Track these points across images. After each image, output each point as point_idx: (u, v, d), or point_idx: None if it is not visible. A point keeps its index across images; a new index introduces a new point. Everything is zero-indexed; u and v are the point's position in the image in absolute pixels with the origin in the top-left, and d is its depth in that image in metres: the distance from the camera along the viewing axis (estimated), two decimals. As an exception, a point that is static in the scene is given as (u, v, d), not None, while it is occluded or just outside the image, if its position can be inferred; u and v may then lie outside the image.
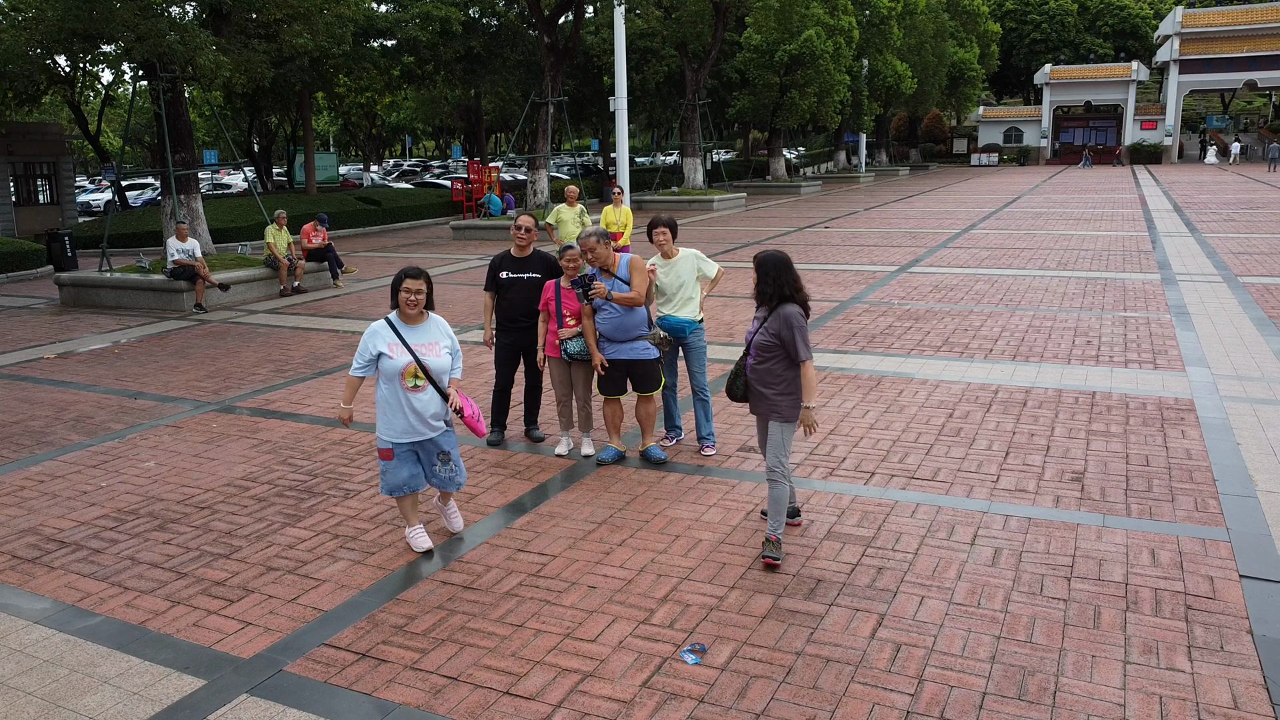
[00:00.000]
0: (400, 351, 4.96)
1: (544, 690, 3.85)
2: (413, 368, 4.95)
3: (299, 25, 18.30)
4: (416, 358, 4.96)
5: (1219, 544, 5.03)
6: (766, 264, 5.13)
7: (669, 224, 6.64)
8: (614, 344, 6.34)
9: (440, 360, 5.04)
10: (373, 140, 70.62)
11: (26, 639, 4.42)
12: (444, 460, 5.19)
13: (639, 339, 6.34)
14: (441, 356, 5.06)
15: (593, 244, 6.23)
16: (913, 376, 8.72)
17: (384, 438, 5.07)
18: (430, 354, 5.01)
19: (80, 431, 7.91)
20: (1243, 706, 3.62)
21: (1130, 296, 12.68)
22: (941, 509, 5.60)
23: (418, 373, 4.97)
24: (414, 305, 4.98)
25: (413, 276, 4.98)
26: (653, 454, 6.54)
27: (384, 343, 4.98)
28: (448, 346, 5.12)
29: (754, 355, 5.09)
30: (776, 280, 5.05)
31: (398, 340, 4.98)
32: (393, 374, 4.96)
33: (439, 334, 5.13)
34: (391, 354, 4.96)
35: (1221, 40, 60.58)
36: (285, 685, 3.95)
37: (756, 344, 5.07)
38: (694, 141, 34.62)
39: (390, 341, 4.98)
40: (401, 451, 5.07)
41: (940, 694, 3.75)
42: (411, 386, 4.98)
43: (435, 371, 5.02)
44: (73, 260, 20.53)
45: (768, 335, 5.01)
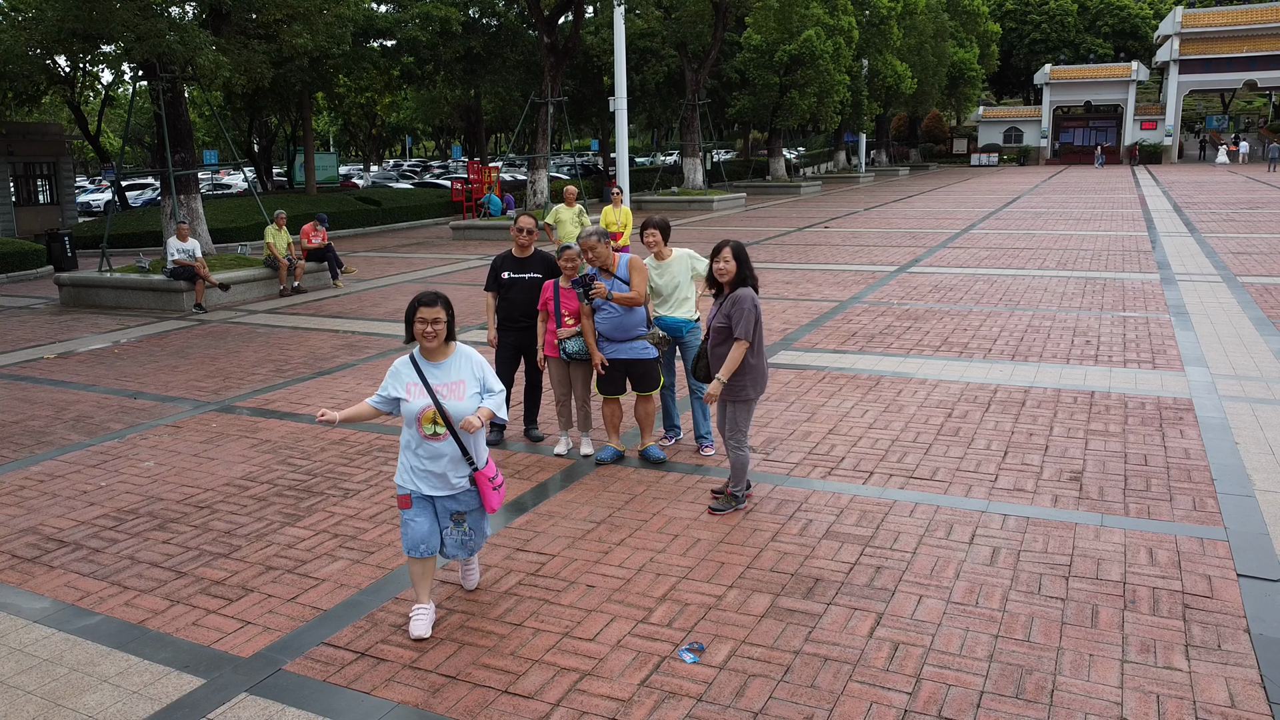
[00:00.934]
0: (419, 392, 4.20)
1: (542, 689, 3.86)
2: (431, 412, 4.18)
3: (299, 25, 18.30)
4: (436, 400, 4.18)
5: (1217, 543, 5.03)
6: (744, 252, 5.43)
7: (660, 225, 6.63)
8: (613, 343, 6.36)
9: (464, 405, 4.21)
10: (373, 140, 70.64)
11: (26, 638, 4.42)
12: (457, 521, 4.40)
13: (638, 338, 6.37)
14: (466, 400, 4.23)
15: (593, 243, 6.23)
16: (912, 376, 8.73)
17: (401, 483, 4.37)
18: (452, 396, 4.21)
19: (80, 431, 7.92)
20: (1240, 705, 3.63)
21: (1129, 296, 12.69)
22: (940, 508, 5.61)
23: (436, 418, 4.19)
24: (432, 338, 4.20)
25: (427, 304, 4.18)
26: (651, 454, 6.55)
27: (403, 384, 4.26)
28: (476, 387, 4.29)
29: (711, 338, 5.44)
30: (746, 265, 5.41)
31: (418, 380, 4.24)
32: (410, 418, 4.24)
33: (465, 371, 4.30)
34: (409, 396, 4.22)
35: (1221, 40, 60.60)
36: (284, 684, 3.96)
37: (714, 327, 5.41)
38: (694, 141, 34.64)
39: (410, 382, 4.25)
40: (419, 500, 4.35)
41: (938, 693, 3.75)
42: (430, 434, 4.22)
43: (456, 417, 4.19)
44: (73, 260, 20.55)
45: (722, 318, 5.33)
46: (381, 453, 7.04)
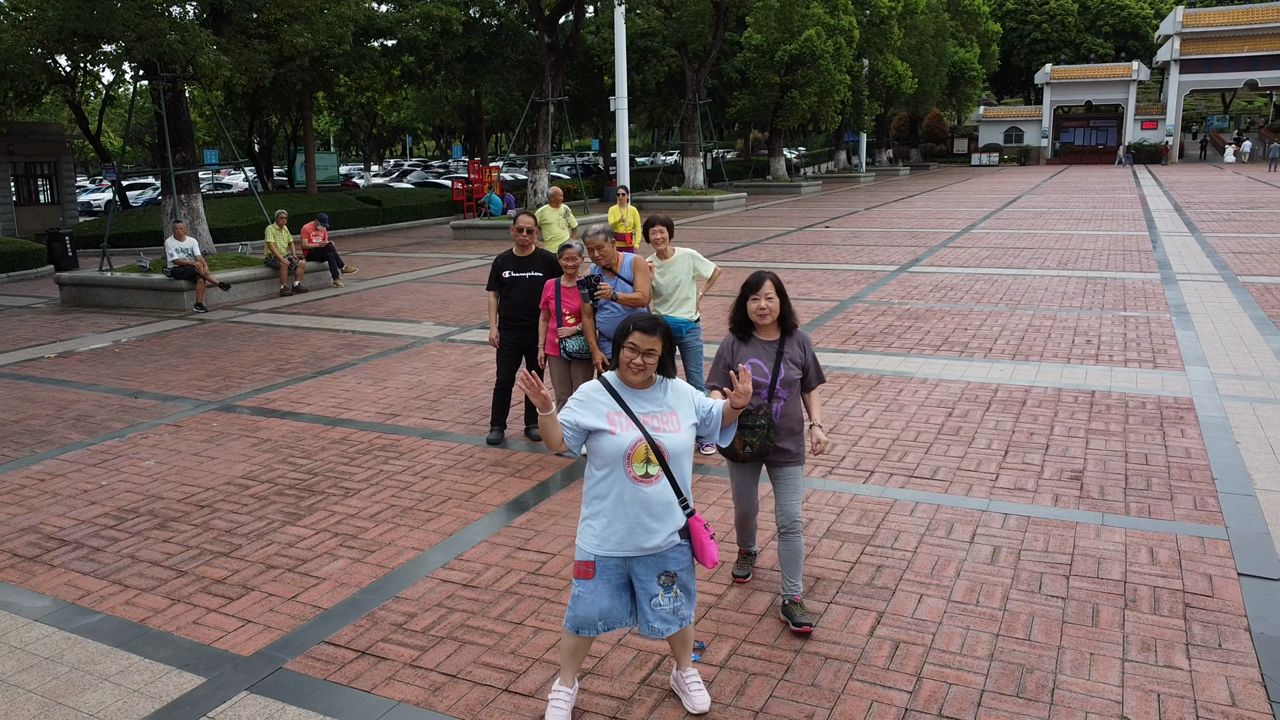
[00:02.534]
0: (626, 424, 3.46)
1: (543, 687, 3.86)
2: (644, 448, 3.44)
3: (299, 25, 18.30)
4: (647, 434, 3.46)
5: (1218, 542, 5.03)
6: (781, 286, 4.30)
7: (666, 223, 6.69)
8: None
9: (684, 437, 3.51)
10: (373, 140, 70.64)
11: (27, 637, 4.43)
12: (667, 584, 3.56)
13: None
14: (685, 430, 3.53)
15: (600, 241, 6.19)
16: (912, 375, 8.72)
17: (585, 548, 3.55)
18: (668, 428, 3.50)
19: (81, 430, 7.92)
20: (1240, 704, 3.63)
21: (1130, 296, 12.69)
22: (941, 507, 5.61)
23: (650, 455, 3.45)
24: (637, 370, 3.48)
25: (645, 330, 3.45)
26: None
27: (601, 414, 3.49)
28: (690, 419, 3.57)
29: (785, 395, 4.29)
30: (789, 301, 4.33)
31: (618, 408, 3.50)
32: (615, 457, 3.45)
33: (675, 402, 3.57)
34: (614, 428, 3.46)
35: (1222, 40, 60.58)
36: (285, 683, 3.96)
37: (787, 380, 4.27)
38: (694, 141, 34.63)
39: (610, 411, 3.49)
40: (608, 569, 3.53)
41: (939, 691, 3.75)
42: (642, 476, 3.45)
43: (674, 454, 3.48)
44: (73, 260, 20.54)
45: (794, 367, 4.29)
46: (382, 452, 7.04)
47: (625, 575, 3.55)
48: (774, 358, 4.29)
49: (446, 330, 11.84)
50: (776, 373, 4.28)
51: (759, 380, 4.25)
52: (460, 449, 7.07)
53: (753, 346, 4.33)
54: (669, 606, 3.56)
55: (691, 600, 3.65)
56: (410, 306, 13.85)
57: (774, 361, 4.29)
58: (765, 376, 4.28)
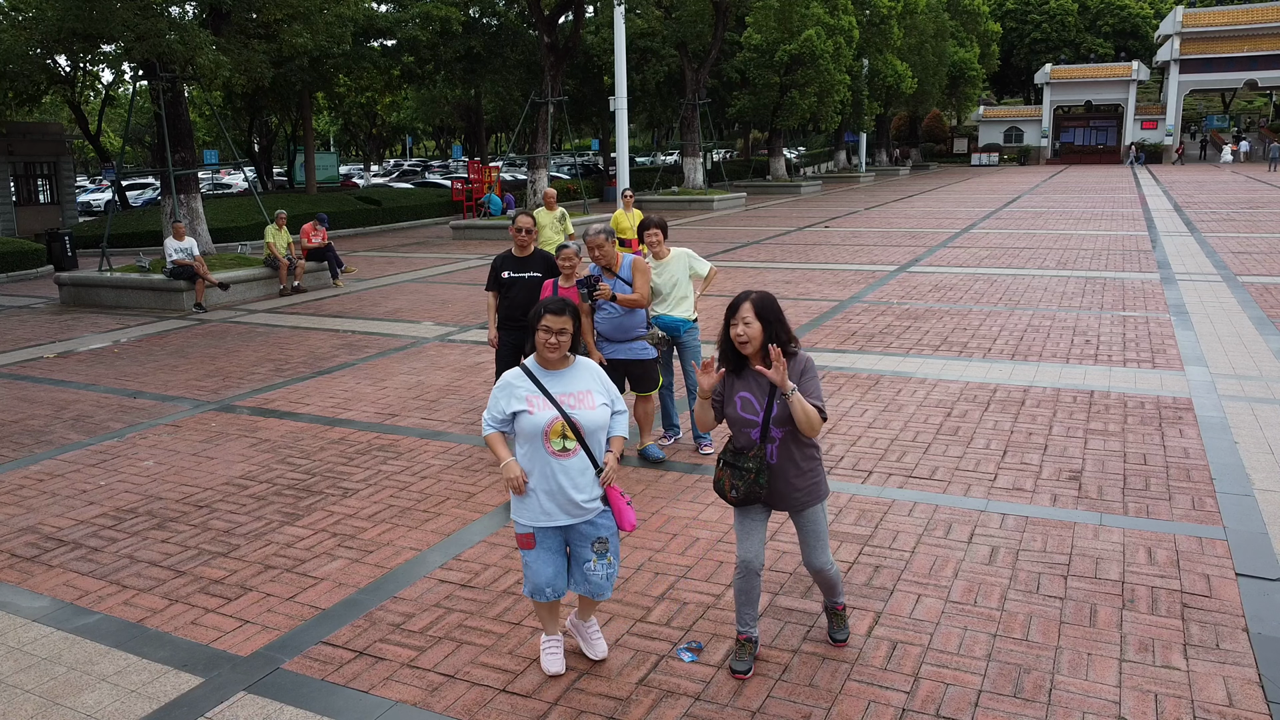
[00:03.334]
0: (543, 404, 3.76)
1: (541, 688, 3.86)
2: (560, 424, 3.73)
3: (299, 25, 18.30)
4: (563, 411, 3.75)
5: (1216, 542, 5.03)
6: (770, 306, 3.71)
7: (660, 224, 6.72)
8: (612, 344, 6.40)
9: (598, 414, 3.80)
10: (373, 140, 70.65)
11: (25, 637, 4.43)
12: (600, 551, 3.86)
13: (637, 339, 6.40)
14: (599, 408, 3.81)
15: (600, 241, 6.19)
16: (911, 375, 8.73)
17: (521, 520, 3.85)
18: (581, 406, 3.78)
19: (79, 430, 7.92)
20: (1238, 704, 3.63)
21: (1129, 296, 12.69)
22: (939, 508, 5.61)
23: (566, 431, 3.74)
24: (555, 349, 3.77)
25: (554, 311, 3.75)
26: (650, 453, 6.57)
27: (520, 397, 3.79)
28: (604, 400, 3.86)
29: (779, 435, 3.75)
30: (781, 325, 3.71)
31: (537, 390, 3.80)
32: (534, 434, 3.75)
33: (589, 381, 3.87)
34: (532, 408, 3.76)
35: (1222, 40, 60.58)
36: (283, 683, 3.96)
37: (781, 418, 3.71)
38: (694, 141, 34.63)
39: (529, 394, 3.80)
40: (545, 538, 3.85)
41: (936, 692, 3.75)
42: (560, 450, 3.75)
43: (589, 429, 3.78)
44: (73, 260, 20.55)
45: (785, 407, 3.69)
46: (381, 452, 7.04)
47: (563, 542, 3.91)
48: (766, 392, 3.71)
49: (446, 330, 11.84)
50: (769, 409, 3.70)
51: (749, 418, 3.76)
52: (459, 449, 7.07)
53: (745, 379, 3.77)
54: (601, 572, 3.90)
55: (618, 564, 3.98)
56: (409, 306, 13.85)
57: (766, 396, 3.71)
58: (756, 414, 3.73)
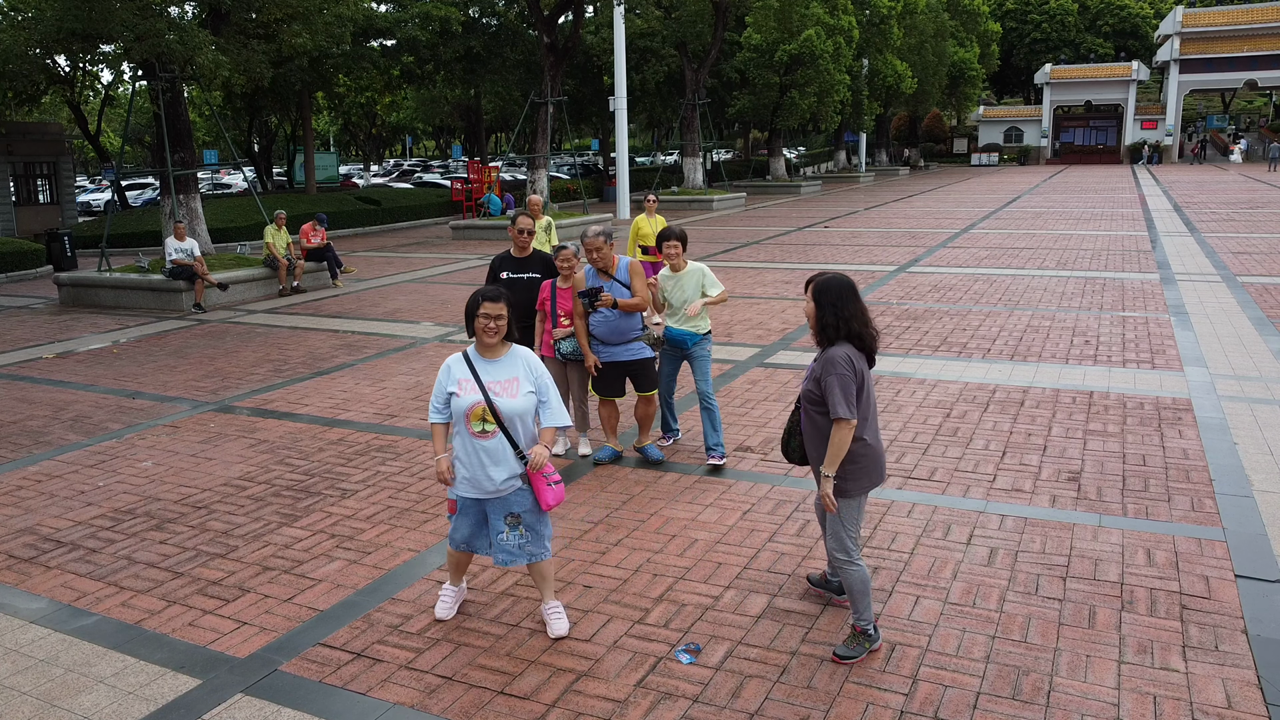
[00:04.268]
0: (470, 388, 4.14)
1: (538, 690, 3.86)
2: (480, 408, 4.11)
3: (298, 25, 18.28)
4: (487, 397, 4.12)
5: (1215, 544, 5.03)
6: (826, 292, 3.96)
7: (680, 236, 6.51)
8: (609, 347, 6.34)
9: (521, 402, 4.14)
10: (373, 140, 70.64)
11: (22, 638, 4.42)
12: (512, 524, 4.22)
13: (634, 340, 6.36)
14: (522, 396, 4.15)
15: (599, 243, 6.12)
16: (910, 376, 8.72)
17: (451, 489, 4.37)
18: (504, 394, 4.14)
19: (78, 431, 7.92)
20: (1237, 706, 3.62)
21: (1129, 296, 12.68)
22: (938, 508, 5.60)
23: (486, 415, 4.11)
24: (493, 333, 4.14)
25: (491, 299, 4.15)
26: (649, 452, 6.57)
27: (454, 379, 4.20)
28: (532, 386, 4.19)
29: (801, 406, 4.15)
30: (836, 312, 3.92)
31: (470, 375, 4.18)
32: (459, 414, 4.16)
33: (520, 370, 4.21)
34: (460, 391, 4.16)
35: (1222, 40, 60.58)
36: (280, 685, 3.96)
37: (802, 394, 4.09)
38: (694, 141, 34.62)
39: (461, 377, 4.18)
40: (465, 506, 4.30)
41: (934, 693, 3.75)
42: (479, 431, 4.12)
43: (507, 415, 4.12)
44: (72, 260, 20.54)
45: (810, 382, 4.02)
46: (379, 453, 7.04)
47: (482, 513, 4.28)
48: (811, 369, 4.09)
49: (445, 330, 11.84)
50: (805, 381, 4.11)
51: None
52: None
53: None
54: (514, 542, 4.23)
55: (539, 540, 4.27)
56: (409, 307, 13.84)
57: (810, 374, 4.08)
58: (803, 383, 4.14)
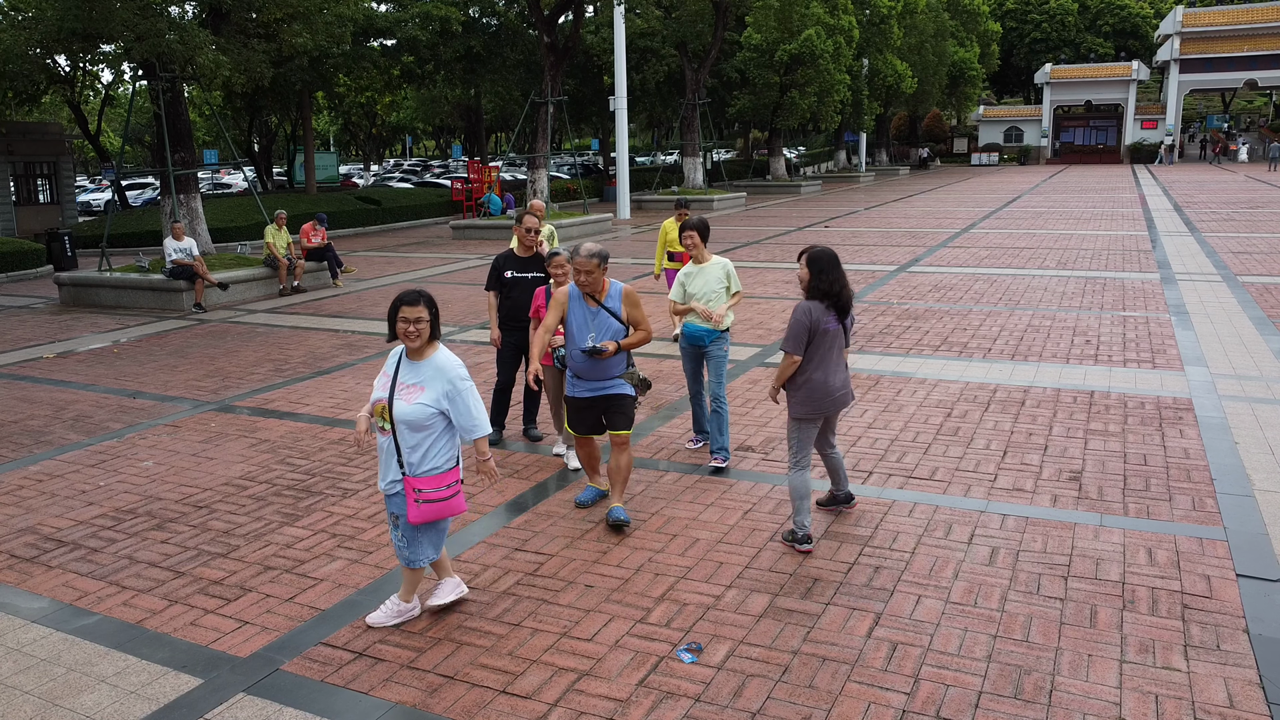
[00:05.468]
0: (383, 385, 4.25)
1: (540, 689, 3.86)
2: (381, 406, 4.20)
3: (298, 25, 18.29)
4: (391, 397, 4.18)
5: (1216, 543, 5.03)
6: (815, 261, 5.05)
7: (699, 227, 6.31)
8: (586, 382, 5.45)
9: (411, 410, 4.13)
10: (373, 140, 70.62)
11: (24, 638, 4.42)
12: (393, 523, 4.35)
13: (614, 378, 5.44)
14: (414, 404, 4.14)
15: (591, 265, 5.22)
16: (911, 376, 8.72)
17: None
18: (404, 397, 4.16)
19: (79, 431, 7.92)
20: (1238, 705, 3.62)
21: (1129, 296, 12.68)
22: (939, 508, 5.60)
23: (384, 413, 4.18)
24: (414, 337, 4.14)
25: (409, 302, 4.12)
26: (616, 515, 5.43)
27: (383, 372, 4.30)
28: (434, 397, 4.16)
29: None
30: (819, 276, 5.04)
31: (391, 372, 4.26)
32: (369, 407, 4.32)
33: (430, 378, 4.19)
34: (376, 385, 4.30)
35: (1222, 39, 60.56)
36: (282, 684, 3.96)
37: None
38: (694, 141, 34.61)
39: (386, 371, 4.29)
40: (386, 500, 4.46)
41: (936, 693, 3.75)
42: (380, 427, 4.25)
43: (399, 420, 4.15)
44: (72, 260, 20.54)
45: None
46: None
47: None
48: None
49: (445, 330, 11.84)
50: None
51: None
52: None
53: None
54: (394, 541, 4.35)
55: (413, 547, 4.31)
56: (409, 306, 13.81)
57: None
58: None
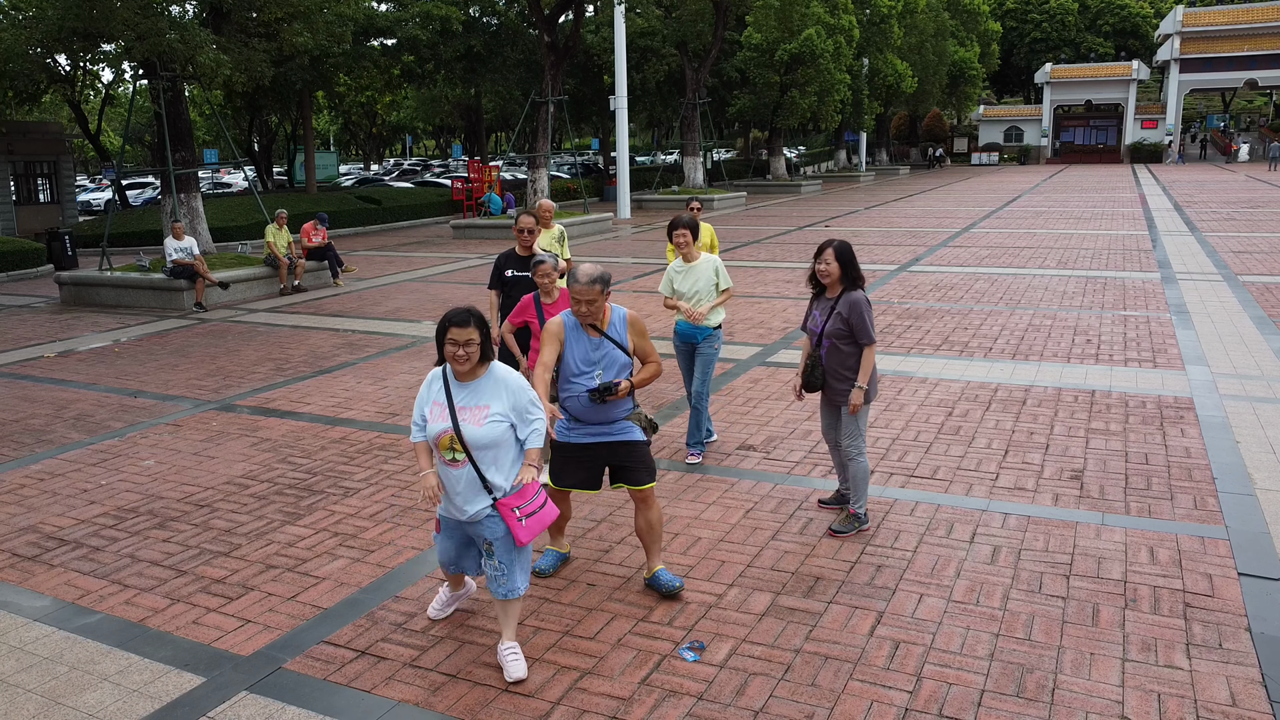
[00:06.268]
0: (440, 414, 3.85)
1: (542, 687, 3.86)
2: (449, 437, 3.81)
3: (299, 24, 18.29)
4: (456, 424, 3.82)
5: (1218, 542, 5.03)
6: (844, 252, 5.18)
7: (691, 225, 6.29)
8: (587, 426, 4.57)
9: (482, 431, 3.79)
10: (373, 139, 70.61)
11: (26, 636, 4.42)
12: (488, 552, 3.97)
13: (620, 421, 4.60)
14: (485, 425, 3.80)
15: (593, 294, 4.38)
16: (912, 375, 8.72)
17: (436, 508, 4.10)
18: (471, 420, 3.81)
19: (80, 430, 7.92)
20: (1240, 704, 3.63)
21: (1130, 295, 12.68)
22: (940, 507, 5.60)
23: (454, 443, 3.82)
24: (463, 360, 3.77)
25: (459, 323, 3.73)
26: (663, 582, 4.63)
27: (429, 403, 3.92)
28: (502, 413, 3.83)
29: (825, 344, 5.22)
30: (854, 267, 5.18)
31: (443, 399, 3.87)
32: (431, 440, 3.90)
33: (493, 394, 3.85)
34: (430, 417, 3.89)
35: (1222, 39, 60.57)
36: (284, 683, 3.96)
37: (826, 332, 5.18)
38: (694, 140, 34.60)
39: (435, 400, 3.89)
40: (448, 525, 4.11)
41: (938, 691, 3.75)
42: (449, 460, 3.85)
43: (473, 445, 3.80)
44: (73, 259, 20.54)
45: (839, 323, 5.14)
46: (382, 451, 7.04)
47: (465, 534, 4.09)
48: (827, 312, 5.20)
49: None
50: (825, 324, 5.20)
51: (813, 329, 5.31)
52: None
53: (821, 301, 5.31)
54: (489, 572, 4.00)
55: (510, 576, 3.95)
56: (410, 306, 13.85)
57: (826, 315, 5.20)
58: (818, 327, 5.25)
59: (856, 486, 5.26)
